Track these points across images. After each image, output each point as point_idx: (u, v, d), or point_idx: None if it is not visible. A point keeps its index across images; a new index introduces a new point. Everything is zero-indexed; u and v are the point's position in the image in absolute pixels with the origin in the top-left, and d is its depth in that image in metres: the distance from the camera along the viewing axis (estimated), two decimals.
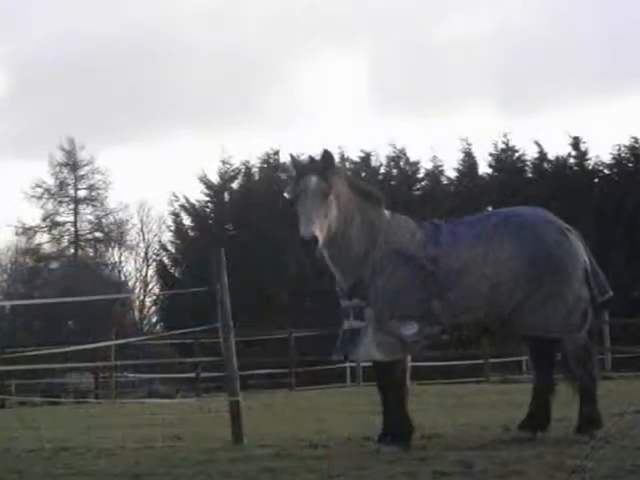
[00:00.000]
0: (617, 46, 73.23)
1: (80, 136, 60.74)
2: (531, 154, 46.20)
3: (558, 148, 46.32)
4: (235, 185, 48.23)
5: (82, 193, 59.49)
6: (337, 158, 34.65)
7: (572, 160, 45.47)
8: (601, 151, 53.67)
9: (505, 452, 8.29)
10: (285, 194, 43.95)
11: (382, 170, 47.41)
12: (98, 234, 59.43)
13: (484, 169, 46.72)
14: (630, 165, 44.48)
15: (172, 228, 49.51)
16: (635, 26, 73.13)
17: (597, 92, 75.70)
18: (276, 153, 47.76)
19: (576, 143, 45.40)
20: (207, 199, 48.06)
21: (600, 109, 75.99)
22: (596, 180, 44.96)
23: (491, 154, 46.42)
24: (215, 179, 47.94)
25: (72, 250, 59.59)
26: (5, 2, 74.22)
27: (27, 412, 18.83)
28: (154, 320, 54.65)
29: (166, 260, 49.26)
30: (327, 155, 8.89)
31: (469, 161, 46.84)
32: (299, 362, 30.66)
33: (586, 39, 74.78)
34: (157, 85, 76.15)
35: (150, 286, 57.48)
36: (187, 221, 48.50)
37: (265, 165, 48.02)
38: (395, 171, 47.40)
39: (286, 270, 44.02)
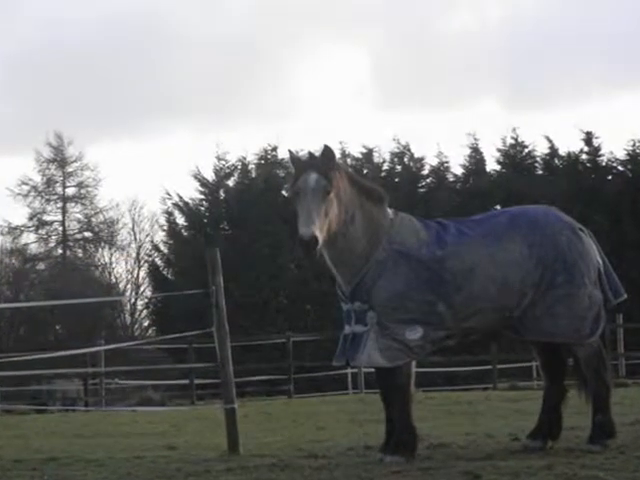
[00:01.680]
0: (630, 39, 73.51)
1: (68, 131, 60.76)
2: (541, 150, 46.28)
3: (570, 144, 46.36)
4: (231, 182, 48.05)
5: (70, 191, 59.23)
6: (338, 154, 34.22)
7: (584, 156, 45.40)
8: (615, 147, 53.60)
9: (514, 462, 8.22)
10: (284, 192, 43.77)
11: (385, 167, 47.40)
12: (87, 234, 59.12)
13: (492, 165, 46.81)
14: None
15: (165, 227, 49.42)
16: None
17: (610, 86, 75.75)
18: (274, 149, 47.72)
19: (589, 138, 45.30)
20: (201, 197, 47.82)
21: (614, 103, 76.23)
22: (610, 177, 44.80)
23: (499, 150, 46.43)
24: (210, 176, 47.78)
25: (60, 251, 59.35)
26: None
27: (13, 420, 18.59)
28: (146, 324, 54.35)
29: (159, 261, 48.99)
30: (328, 151, 8.73)
31: (476, 157, 46.71)
32: (298, 368, 30.43)
33: (598, 32, 74.95)
34: (149, 78, 76.21)
35: (142, 288, 57.20)
36: (181, 220, 48.33)
37: (262, 162, 47.87)
38: (399, 168, 47.30)
39: (284, 271, 43.93)
